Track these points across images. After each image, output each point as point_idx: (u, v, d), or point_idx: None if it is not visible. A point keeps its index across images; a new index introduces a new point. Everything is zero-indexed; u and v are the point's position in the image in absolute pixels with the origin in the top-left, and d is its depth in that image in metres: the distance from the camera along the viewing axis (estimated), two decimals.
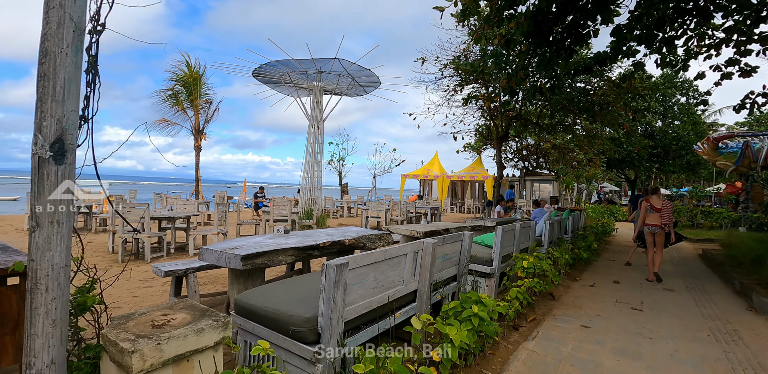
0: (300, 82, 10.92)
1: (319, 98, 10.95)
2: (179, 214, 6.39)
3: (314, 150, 10.95)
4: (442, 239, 3.14)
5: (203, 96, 14.20)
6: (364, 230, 4.23)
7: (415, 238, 4.78)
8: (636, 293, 5.40)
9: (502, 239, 4.26)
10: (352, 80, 10.85)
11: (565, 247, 6.33)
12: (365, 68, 9.99)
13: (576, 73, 9.11)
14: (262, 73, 10.61)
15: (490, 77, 9.20)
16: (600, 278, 6.24)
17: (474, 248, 4.66)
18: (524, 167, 22.86)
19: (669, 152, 23.37)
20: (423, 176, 22.74)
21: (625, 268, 7.18)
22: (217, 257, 2.82)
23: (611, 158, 21.30)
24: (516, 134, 18.29)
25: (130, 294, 4.56)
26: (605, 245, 10.30)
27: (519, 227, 4.84)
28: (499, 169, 14.05)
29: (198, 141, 14.45)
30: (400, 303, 2.69)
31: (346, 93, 11.95)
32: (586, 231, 9.13)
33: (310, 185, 10.89)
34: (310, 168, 10.92)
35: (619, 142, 19.88)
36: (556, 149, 20.43)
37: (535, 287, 4.12)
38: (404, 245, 2.63)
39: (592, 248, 7.49)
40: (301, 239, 3.52)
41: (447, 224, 5.81)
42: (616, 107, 12.22)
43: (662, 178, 32.28)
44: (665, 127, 23.49)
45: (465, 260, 3.53)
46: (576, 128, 15.87)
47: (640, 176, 26.14)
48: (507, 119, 13.78)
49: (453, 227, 5.46)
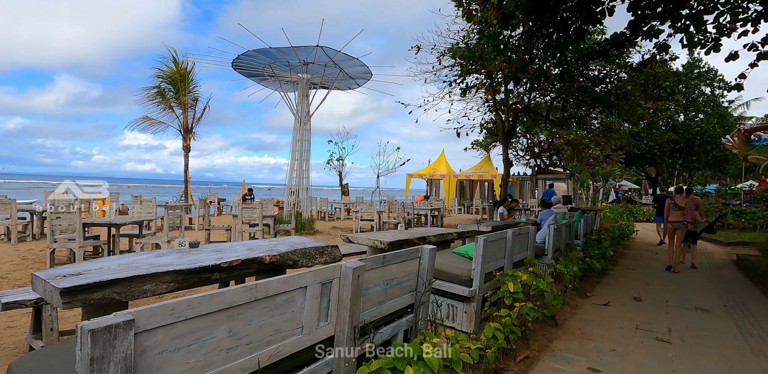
0: (284, 75, 10.10)
1: (305, 91, 10.11)
2: (123, 219, 5.61)
3: (301, 148, 10.11)
4: (383, 259, 2.22)
5: (191, 93, 13.53)
6: (310, 241, 3.33)
7: (380, 250, 3.85)
8: (662, 314, 4.36)
9: (485, 252, 3.30)
10: (340, 72, 9.97)
11: (574, 256, 5.32)
12: (352, 57, 9.09)
13: (589, 58, 8.04)
14: (243, 65, 9.83)
15: (490, 64, 8.22)
16: (617, 293, 5.20)
17: (454, 262, 3.71)
18: (536, 165, 21.65)
19: (693, 148, 21.84)
20: (429, 175, 21.74)
21: (647, 279, 6.10)
22: (43, 289, 1.95)
23: (630, 154, 19.92)
24: (526, 130, 17.16)
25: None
26: (624, 249, 9.17)
27: (511, 234, 3.87)
28: (506, 166, 12.99)
29: (187, 141, 13.79)
30: (296, 362, 1.77)
31: (336, 86, 11.08)
32: (601, 235, 8.06)
33: (297, 186, 10.06)
34: (297, 167, 10.08)
35: (639, 136, 18.53)
36: (569, 146, 19.19)
37: (528, 314, 3.16)
38: (302, 273, 1.72)
39: (608, 256, 6.44)
40: (202, 256, 2.64)
41: (429, 231, 4.86)
42: (635, 96, 11.05)
43: (685, 175, 30.50)
44: (688, 121, 21.96)
45: (425, 284, 2.60)
46: (591, 121, 14.66)
47: (662, 173, 24.58)
48: (514, 113, 12.72)
49: (434, 234, 4.52)
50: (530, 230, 4.52)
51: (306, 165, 10.19)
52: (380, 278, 2.25)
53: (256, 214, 6.93)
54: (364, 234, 4.13)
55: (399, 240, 3.86)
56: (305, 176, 10.19)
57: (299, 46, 8.45)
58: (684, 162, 21.97)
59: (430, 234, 4.43)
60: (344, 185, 18.11)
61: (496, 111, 12.43)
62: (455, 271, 3.45)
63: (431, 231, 4.76)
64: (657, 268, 7.13)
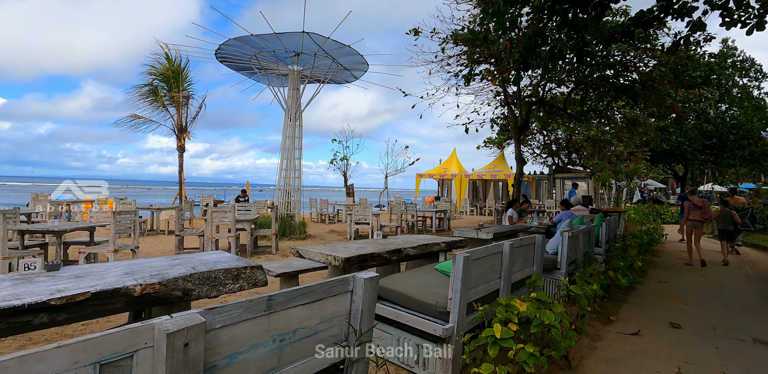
0: (274, 67, 9.34)
1: (295, 84, 9.33)
2: (67, 226, 4.90)
3: (291, 145, 9.33)
4: (267, 303, 1.36)
5: (185, 91, 12.96)
6: (228, 260, 2.50)
7: (335, 267, 2.99)
8: (709, 350, 3.36)
9: (466, 275, 2.40)
10: (332, 62, 9.15)
11: (593, 270, 4.34)
12: (343, 45, 8.26)
13: (611, 40, 7.02)
14: (228, 57, 9.12)
15: (495, 47, 7.29)
16: (648, 316, 4.20)
17: (432, 284, 2.82)
18: (553, 164, 20.38)
19: (726, 143, 20.19)
20: (440, 175, 20.76)
21: (685, 296, 5.05)
22: None
23: (656, 151, 18.48)
24: (542, 126, 16.02)
25: None
26: (653, 257, 8.05)
27: (509, 247, 2.96)
28: (518, 164, 11.95)
29: (181, 140, 13.22)
30: None
31: (330, 79, 10.28)
32: (626, 241, 6.99)
33: (286, 187, 9.29)
34: (287, 166, 9.31)
35: (667, 131, 17.12)
36: (589, 142, 17.90)
37: (527, 362, 2.25)
38: (43, 350, 0.88)
39: (635, 268, 5.42)
40: (39, 287, 1.83)
41: (411, 240, 3.97)
42: (664, 85, 9.87)
43: (717, 173, 28.61)
44: (722, 114, 20.34)
45: (357, 333, 1.72)
46: (614, 115, 13.44)
47: (692, 170, 22.94)
48: (527, 106, 11.67)
49: (414, 245, 3.62)
50: (537, 240, 3.59)
51: (297, 164, 9.40)
52: (267, 332, 1.38)
53: (228, 218, 6.16)
54: (320, 247, 3.27)
55: (361, 255, 2.99)
56: (296, 175, 9.40)
57: (283, 32, 7.66)
58: (716, 159, 20.34)
59: (410, 245, 3.54)
60: (349, 186, 17.32)
61: (507, 104, 11.42)
62: (429, 298, 2.55)
63: (412, 241, 3.87)
64: (695, 280, 6.04)
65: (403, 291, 2.66)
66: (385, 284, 2.78)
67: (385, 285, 2.76)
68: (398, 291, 2.68)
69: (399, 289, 2.68)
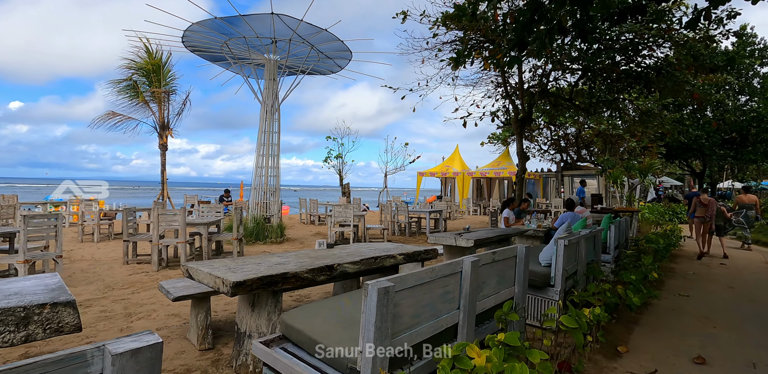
0: (248, 55, 8.58)
1: (272, 74, 8.55)
2: None
3: (269, 141, 8.56)
4: None
5: (167, 86, 12.29)
6: (42, 289, 1.71)
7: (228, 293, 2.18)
8: None
9: (381, 317, 1.57)
10: (311, 49, 8.35)
11: (596, 287, 3.47)
12: (319, 28, 7.44)
13: (620, 17, 6.13)
14: (198, 46, 8.39)
15: (486, 26, 6.42)
16: (666, 346, 3.32)
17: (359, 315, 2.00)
18: (562, 160, 19.35)
19: (747, 137, 18.92)
20: (441, 173, 19.85)
21: (711, 315, 4.14)
22: None
23: (672, 146, 17.32)
24: (549, 120, 15.02)
25: None
26: (671, 263, 7.10)
27: (470, 265, 2.12)
28: (521, 160, 11.02)
29: (163, 138, 12.56)
30: None
31: (314, 69, 9.48)
32: (639, 246, 6.06)
33: (263, 186, 8.52)
34: (263, 164, 8.54)
35: (683, 124, 15.98)
36: (599, 137, 16.83)
37: None
38: None
39: (650, 280, 4.52)
40: None
41: (361, 251, 3.15)
42: (681, 70, 8.86)
43: (737, 169, 27.19)
44: (741, 105, 19.06)
45: None
46: (626, 106, 12.39)
47: (711, 166, 21.65)
48: (529, 97, 10.75)
49: (355, 260, 2.80)
50: (519, 252, 2.74)
51: (275, 161, 8.64)
52: None
53: (177, 221, 5.40)
54: (219, 264, 2.47)
55: (266, 277, 2.17)
56: (274, 174, 8.64)
57: (249, 14, 6.88)
58: (737, 154, 19.08)
59: (351, 260, 2.72)
60: (345, 185, 16.53)
61: (506, 94, 10.51)
62: (341, 344, 1.73)
63: (362, 252, 3.04)
64: (721, 293, 5.10)
65: (307, 330, 1.84)
66: (289, 318, 1.97)
67: (287, 320, 1.94)
68: (301, 331, 1.86)
69: (302, 328, 1.87)
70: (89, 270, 5.56)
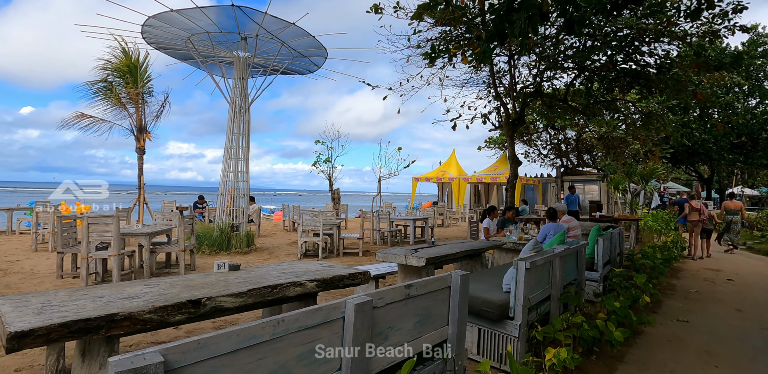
0: (217, 53, 8.05)
1: (242, 72, 8.01)
2: None
3: (237, 144, 8.00)
4: None
5: (144, 88, 11.82)
6: None
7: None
8: None
9: None
10: (282, 45, 7.80)
11: (570, 319, 2.82)
12: (287, 23, 6.89)
13: (614, 7, 5.53)
14: (160, 41, 7.87)
15: (459, 14, 5.84)
16: None
17: None
18: (562, 165, 18.61)
19: (758, 141, 18.08)
20: (437, 178, 19.20)
21: (715, 346, 3.45)
22: None
23: (678, 150, 16.53)
24: (547, 122, 14.33)
25: None
26: (672, 279, 6.38)
27: (353, 308, 1.49)
28: (512, 165, 10.37)
29: (140, 142, 12.07)
30: None
31: (289, 68, 8.94)
32: (634, 261, 5.37)
33: (231, 191, 7.95)
34: (232, 168, 7.97)
35: (689, 127, 15.21)
36: (601, 141, 16.10)
37: None
38: None
39: (640, 305, 3.85)
40: None
41: (268, 275, 2.52)
42: (684, 68, 8.20)
43: (747, 175, 26.24)
44: (751, 108, 18.24)
45: None
46: (629, 107, 11.68)
47: (719, 171, 20.77)
48: (522, 97, 10.12)
49: (242, 290, 2.18)
50: (453, 281, 2.10)
51: (244, 165, 8.07)
52: None
53: (111, 230, 4.82)
54: (17, 301, 1.86)
55: (74, 322, 1.56)
56: (243, 178, 8.07)
57: (208, 6, 6.37)
58: (747, 158, 18.23)
59: (229, 292, 2.09)
60: (334, 191, 15.94)
61: (497, 95, 9.88)
62: None
63: (266, 278, 2.42)
64: (728, 317, 4.40)
65: None
66: None
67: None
68: None
69: None
70: (14, 286, 4.99)
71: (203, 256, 7.29)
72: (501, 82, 11.30)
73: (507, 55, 9.92)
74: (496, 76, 10.48)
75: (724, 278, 6.63)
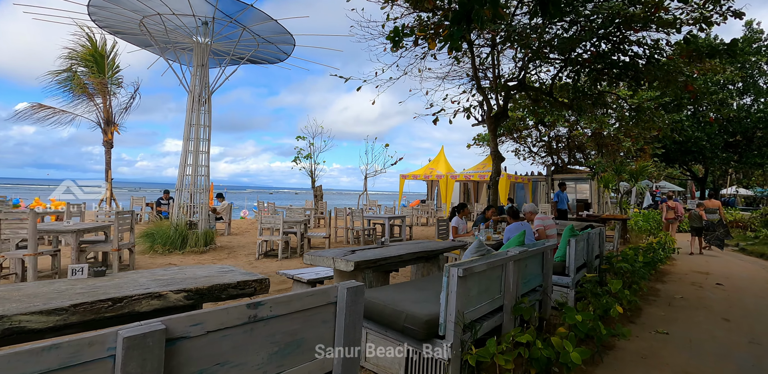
0: (175, 38, 7.51)
1: (201, 59, 7.47)
2: None
3: (196, 135, 7.47)
4: None
5: (112, 79, 11.26)
6: None
7: None
8: None
9: None
10: (243, 30, 7.27)
11: (520, 336, 2.32)
12: (243, 3, 6.36)
13: None
14: (113, 25, 7.31)
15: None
16: None
17: None
18: (553, 163, 18.16)
19: (752, 140, 17.68)
20: (425, 176, 18.71)
21: (698, 369, 2.96)
22: None
23: (670, 148, 16.09)
24: (533, 116, 13.85)
25: None
26: (657, 283, 5.89)
27: (122, 347, 0.96)
28: (495, 161, 9.88)
29: (108, 135, 11.52)
30: None
31: (256, 56, 8.40)
32: (614, 263, 4.88)
33: (190, 187, 7.41)
34: (191, 162, 7.44)
35: (681, 124, 14.76)
36: (592, 138, 15.66)
37: None
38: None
39: (612, 316, 3.35)
40: None
41: (80, 289, 2.01)
42: (674, 58, 7.73)
43: (741, 175, 25.89)
44: (746, 106, 17.83)
45: None
46: (619, 102, 11.20)
47: (713, 170, 20.38)
48: (505, 89, 9.63)
49: (42, 309, 1.66)
50: (339, 296, 1.59)
51: (204, 159, 7.54)
52: None
53: (26, 229, 4.30)
54: None
55: None
56: (203, 173, 7.54)
57: None
58: (741, 158, 17.82)
59: (42, 308, 1.57)
60: (317, 188, 15.40)
61: (478, 87, 9.38)
62: None
63: (129, 285, 1.91)
64: (713, 326, 3.90)
65: None
66: None
67: None
68: None
69: None
70: None
71: (156, 256, 6.76)
72: (486, 75, 10.83)
73: (489, 46, 9.43)
74: (479, 69, 10.00)
75: (713, 283, 6.16)
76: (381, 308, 2.38)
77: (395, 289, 2.76)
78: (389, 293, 2.61)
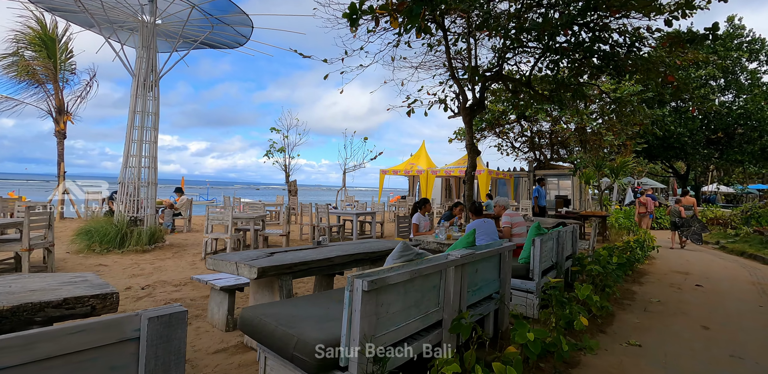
0: (113, 14, 6.82)
1: (148, 41, 6.81)
2: None
3: (142, 123, 6.82)
4: None
5: (64, 64, 10.47)
6: None
7: None
8: None
9: None
10: (192, 9, 6.62)
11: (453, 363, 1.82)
12: None
13: None
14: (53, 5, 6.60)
15: None
16: None
17: None
18: (535, 159, 17.83)
19: (733, 136, 17.59)
20: (405, 171, 18.22)
21: None
22: None
23: (652, 144, 15.86)
24: (515, 111, 13.44)
25: None
26: (633, 285, 5.49)
27: None
28: (471, 155, 9.40)
29: (60, 124, 10.73)
30: None
31: (213, 39, 7.76)
32: (586, 265, 4.44)
33: (134, 180, 6.77)
34: (135, 152, 6.79)
35: (664, 121, 14.51)
36: (573, 133, 15.32)
37: None
38: None
39: (577, 328, 2.89)
40: None
41: None
42: (656, 48, 7.34)
43: (722, 172, 26.00)
44: (729, 103, 17.71)
45: None
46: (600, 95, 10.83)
47: (695, 167, 20.31)
48: (481, 78, 9.16)
49: None
50: (141, 331, 1.05)
51: (150, 149, 6.90)
52: None
53: None
54: None
55: None
56: (149, 164, 6.90)
57: None
58: (722, 154, 17.72)
59: None
60: (291, 183, 14.80)
61: (452, 75, 8.88)
62: None
63: None
64: (690, 340, 3.47)
65: None
66: None
67: None
68: None
69: None
70: None
71: (91, 255, 6.13)
72: (463, 64, 10.33)
73: (467, 32, 8.93)
74: (456, 58, 9.49)
75: (692, 284, 5.79)
76: (272, 329, 1.85)
77: (305, 302, 2.23)
78: (289, 308, 2.08)
